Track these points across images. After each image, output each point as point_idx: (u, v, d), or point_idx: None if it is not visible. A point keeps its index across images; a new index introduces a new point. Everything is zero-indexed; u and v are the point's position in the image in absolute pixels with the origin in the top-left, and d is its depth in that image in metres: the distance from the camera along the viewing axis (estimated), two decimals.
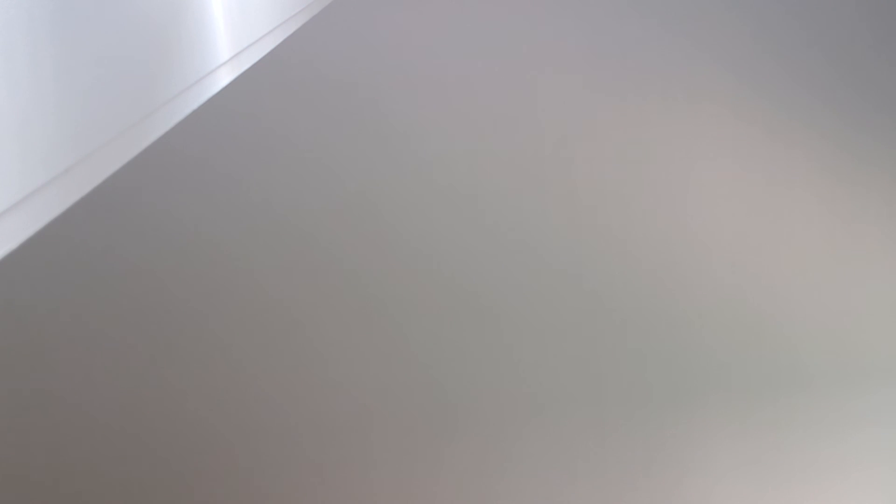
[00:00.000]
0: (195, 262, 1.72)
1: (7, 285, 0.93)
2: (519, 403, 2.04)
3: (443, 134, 2.02)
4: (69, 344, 1.13)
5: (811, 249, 2.16)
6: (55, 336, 1.08)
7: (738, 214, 2.13)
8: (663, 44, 2.10)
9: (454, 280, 2.01)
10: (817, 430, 2.16)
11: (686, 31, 2.10)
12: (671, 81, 2.10)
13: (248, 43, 1.67)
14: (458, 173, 2.02)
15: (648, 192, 2.10)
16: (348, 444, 1.94)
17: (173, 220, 1.61)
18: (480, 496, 2.02)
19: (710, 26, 2.11)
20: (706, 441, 2.12)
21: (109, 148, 1.07)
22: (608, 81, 2.08)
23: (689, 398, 2.11)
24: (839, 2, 2.14)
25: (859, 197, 2.17)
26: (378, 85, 1.99)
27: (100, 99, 1.05)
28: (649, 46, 2.09)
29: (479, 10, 2.03)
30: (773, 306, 2.15)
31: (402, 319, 1.98)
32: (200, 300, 1.74)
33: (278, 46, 1.81)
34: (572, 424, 2.07)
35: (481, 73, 2.04)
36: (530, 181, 2.05)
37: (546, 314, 2.06)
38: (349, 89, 1.97)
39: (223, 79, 1.50)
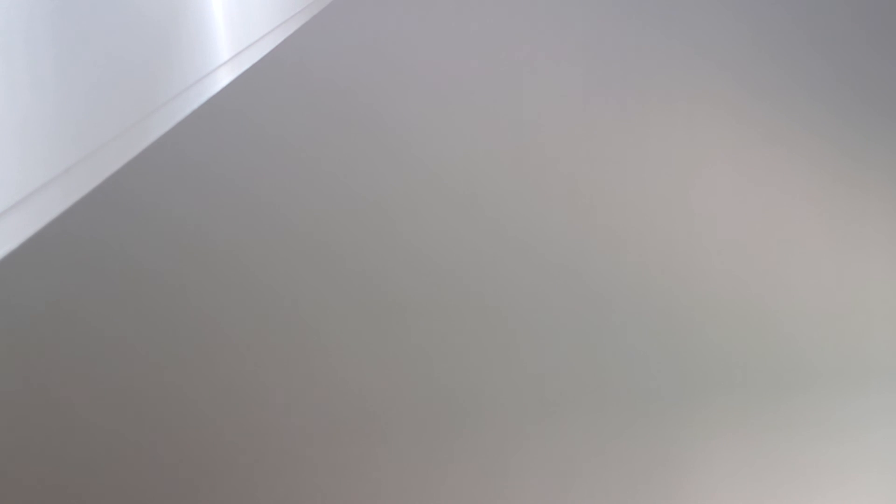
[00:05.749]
0: (195, 261, 1.72)
1: (7, 285, 0.93)
2: (522, 404, 2.04)
3: (443, 135, 2.02)
4: (69, 344, 1.13)
5: (811, 251, 2.16)
6: (55, 336, 1.07)
7: (738, 216, 2.13)
8: (663, 46, 2.10)
9: (456, 281, 2.01)
10: (819, 432, 2.16)
11: (686, 34, 2.10)
12: (671, 84, 2.10)
13: (248, 43, 1.67)
14: (463, 174, 2.02)
15: (650, 194, 2.10)
16: (353, 445, 1.94)
17: (173, 219, 1.61)
18: (484, 496, 2.01)
19: (709, 29, 2.11)
20: (708, 443, 2.12)
21: (109, 148, 1.07)
22: (608, 84, 2.08)
23: (692, 400, 2.11)
24: (838, 5, 2.14)
25: (860, 198, 2.17)
26: (378, 84, 1.99)
27: (100, 99, 1.05)
28: (649, 49, 2.09)
29: (480, 12, 2.03)
30: (774, 308, 2.15)
31: (403, 320, 1.98)
32: (200, 300, 1.74)
33: (278, 46, 1.81)
34: (575, 425, 2.07)
35: (483, 74, 2.03)
36: (531, 183, 2.05)
37: (549, 315, 2.06)
38: (349, 89, 1.97)
39: (223, 79, 1.50)
